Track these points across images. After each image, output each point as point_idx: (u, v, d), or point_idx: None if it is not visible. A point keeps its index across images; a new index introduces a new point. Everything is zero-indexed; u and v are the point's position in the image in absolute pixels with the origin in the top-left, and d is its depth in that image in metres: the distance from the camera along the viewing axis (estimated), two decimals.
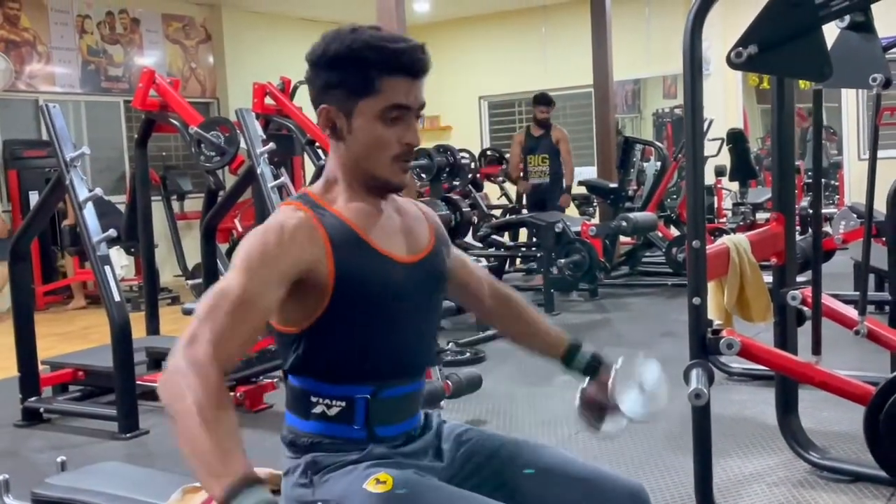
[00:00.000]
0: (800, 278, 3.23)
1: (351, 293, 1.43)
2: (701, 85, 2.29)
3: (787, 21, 2.14)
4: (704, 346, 2.28)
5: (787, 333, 2.93)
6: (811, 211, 2.45)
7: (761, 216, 9.57)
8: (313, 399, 1.47)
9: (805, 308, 2.91)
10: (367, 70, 1.42)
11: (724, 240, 2.65)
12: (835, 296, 3.12)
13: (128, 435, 3.88)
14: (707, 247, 2.29)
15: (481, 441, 1.59)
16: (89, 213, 3.87)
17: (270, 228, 1.42)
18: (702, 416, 2.31)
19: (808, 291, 2.86)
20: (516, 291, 1.82)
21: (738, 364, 4.21)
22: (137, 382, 4.19)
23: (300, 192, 1.54)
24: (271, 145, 4.76)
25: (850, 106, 9.94)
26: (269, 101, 7.20)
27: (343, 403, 1.47)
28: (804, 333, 2.96)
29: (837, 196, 10.31)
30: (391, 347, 1.51)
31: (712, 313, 2.49)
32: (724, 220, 9.16)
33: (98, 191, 3.90)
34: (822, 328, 2.62)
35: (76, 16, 9.09)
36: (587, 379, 1.75)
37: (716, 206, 9.36)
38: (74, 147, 4.01)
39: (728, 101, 10.69)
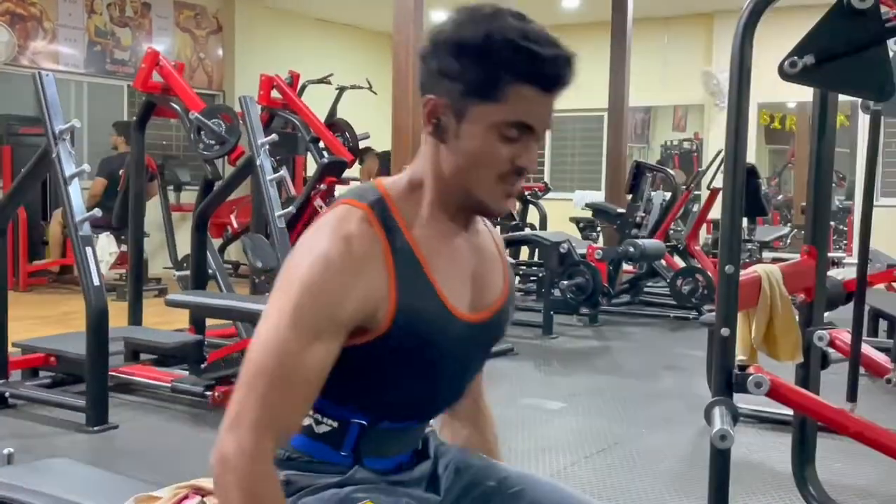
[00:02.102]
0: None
1: (402, 340, 1.19)
2: (747, 99, 2.08)
3: (850, 32, 1.94)
4: (730, 383, 2.05)
5: (809, 375, 2.71)
6: (859, 249, 2.23)
7: (767, 255, 9.40)
8: None
9: (831, 350, 2.70)
10: (498, 72, 1.16)
11: (757, 268, 2.44)
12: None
13: (95, 428, 3.65)
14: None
15: (483, 472, 1.37)
16: (74, 191, 3.65)
17: (333, 251, 1.14)
18: (722, 461, 2.08)
19: (836, 333, 2.65)
20: (492, 415, 1.55)
21: (744, 404, 3.99)
22: (112, 373, 3.98)
23: (373, 185, 1.25)
24: (273, 136, 4.58)
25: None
26: (275, 95, 7.02)
27: (335, 424, 1.25)
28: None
29: (846, 241, 10.14)
30: (418, 397, 1.29)
31: (737, 347, 2.28)
32: None
33: (85, 167, 3.69)
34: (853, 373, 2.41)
35: None
36: None
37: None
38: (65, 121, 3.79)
39: None
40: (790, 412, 2.97)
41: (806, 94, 2.37)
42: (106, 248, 7.54)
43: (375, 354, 1.19)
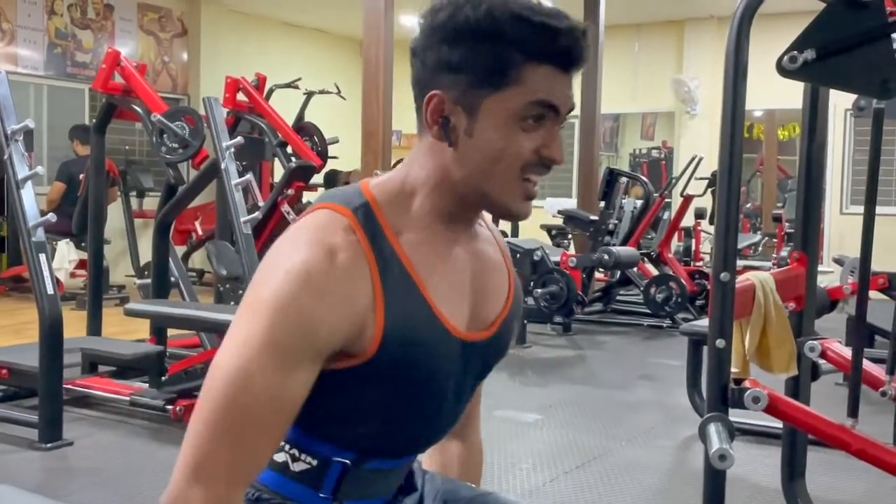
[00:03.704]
0: None
1: (392, 364, 1.03)
2: (743, 102, 1.97)
3: (853, 25, 1.83)
4: (726, 397, 1.93)
5: (800, 388, 2.61)
6: (860, 257, 2.13)
7: (739, 263, 9.37)
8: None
9: (822, 361, 2.60)
10: (508, 51, 1.01)
11: (750, 276, 2.33)
12: None
13: (48, 445, 3.45)
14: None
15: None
16: (27, 195, 3.46)
17: (313, 265, 0.98)
18: (717, 481, 1.96)
19: (827, 343, 2.54)
20: (482, 451, 1.41)
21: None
22: (67, 387, 3.79)
23: (359, 188, 1.09)
24: (239, 139, 4.41)
25: (836, 158, 9.77)
26: (241, 98, 6.84)
27: (314, 462, 1.10)
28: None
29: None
30: (408, 428, 1.13)
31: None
32: (700, 262, 8.94)
33: (39, 169, 3.49)
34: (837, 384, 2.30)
35: None
36: None
37: (693, 248, 9.14)
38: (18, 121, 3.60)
39: (713, 143, 10.48)
40: (777, 424, 2.87)
41: (773, 101, 2.27)
42: (65, 255, 7.31)
43: (361, 381, 1.04)
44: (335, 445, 1.09)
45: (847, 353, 2.61)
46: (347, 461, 1.09)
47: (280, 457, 1.10)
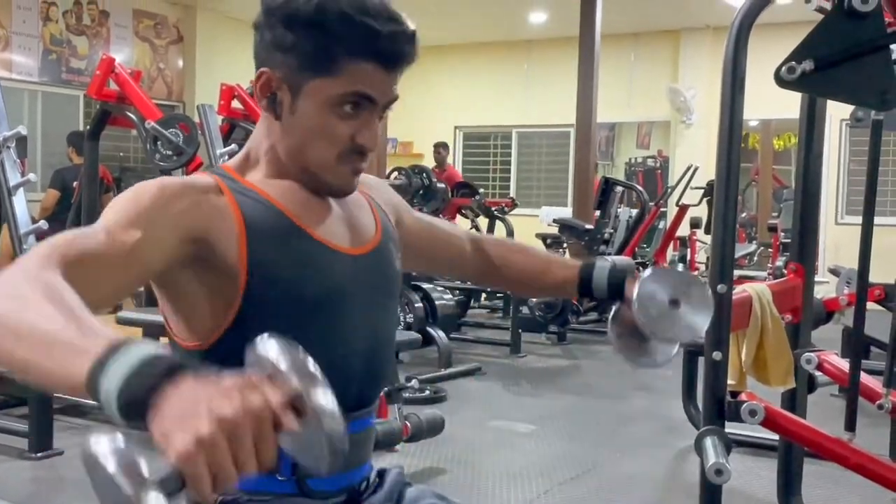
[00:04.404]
0: None
1: (273, 288, 1.08)
2: (741, 111, 1.97)
3: (851, 36, 1.82)
4: (722, 410, 1.91)
5: (796, 400, 2.59)
6: (859, 269, 2.11)
7: (735, 272, 9.36)
8: None
9: (818, 373, 2.57)
10: (332, 45, 1.08)
11: (747, 288, 2.31)
12: None
13: (38, 454, 3.42)
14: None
15: None
16: (18, 202, 3.44)
17: (167, 180, 1.10)
18: (713, 494, 1.94)
19: (824, 355, 2.52)
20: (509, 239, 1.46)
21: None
22: (58, 395, 3.75)
23: (217, 165, 1.20)
24: (233, 147, 4.38)
25: (832, 168, 9.78)
26: (236, 105, 6.81)
27: None
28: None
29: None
30: (331, 366, 1.10)
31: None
32: (696, 272, 8.93)
33: (31, 176, 3.47)
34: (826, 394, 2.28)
35: (42, 2, 8.64)
36: (617, 302, 1.32)
37: (689, 258, 9.13)
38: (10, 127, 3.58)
39: (709, 152, 10.50)
40: (773, 435, 2.85)
41: (768, 111, 2.26)
42: None
43: (258, 319, 1.05)
44: None
45: (844, 365, 2.59)
46: None
47: None
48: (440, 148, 9.67)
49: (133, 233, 1.00)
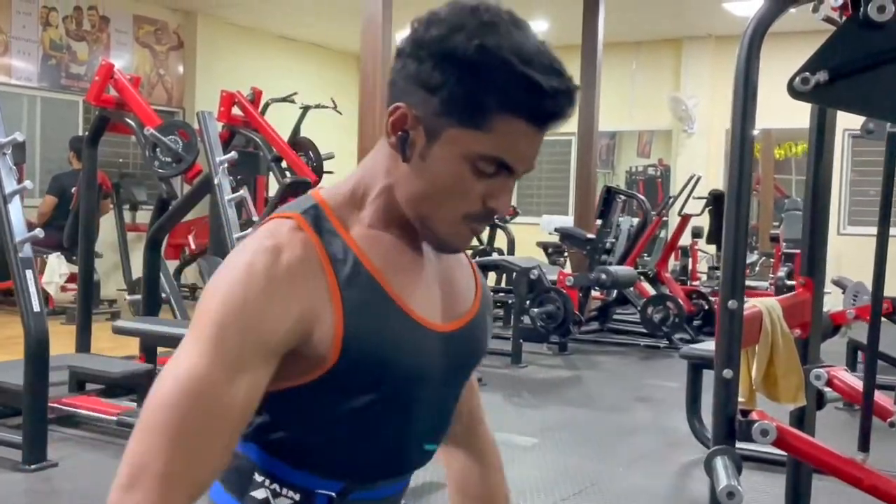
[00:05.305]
0: None
1: (359, 367, 0.97)
2: (752, 122, 1.91)
3: (866, 47, 1.77)
4: (733, 429, 1.86)
5: (805, 417, 2.53)
6: (874, 283, 2.06)
7: None
8: (258, 478, 1.02)
9: (828, 390, 2.52)
10: (485, 96, 0.95)
11: (756, 303, 2.26)
12: None
13: (32, 466, 3.37)
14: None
15: None
16: (14, 209, 3.38)
17: (258, 262, 0.94)
18: None
19: (834, 371, 2.47)
20: (494, 441, 1.36)
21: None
22: (53, 405, 3.71)
23: (310, 194, 1.06)
24: (233, 154, 4.34)
25: (834, 178, 9.74)
26: (236, 112, 6.78)
27: (297, 497, 1.02)
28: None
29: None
30: (393, 440, 1.04)
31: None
32: (697, 282, 8.89)
33: (27, 184, 3.42)
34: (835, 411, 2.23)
35: (41, 7, 8.60)
36: None
37: (690, 267, 9.09)
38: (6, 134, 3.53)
39: (710, 162, 10.48)
40: (777, 451, 2.80)
41: (770, 120, 2.22)
42: (56, 268, 7.22)
43: (332, 392, 0.97)
44: (317, 475, 1.02)
45: (853, 381, 2.55)
46: (332, 493, 1.02)
47: (260, 493, 1.02)
48: None
49: (239, 383, 0.91)
